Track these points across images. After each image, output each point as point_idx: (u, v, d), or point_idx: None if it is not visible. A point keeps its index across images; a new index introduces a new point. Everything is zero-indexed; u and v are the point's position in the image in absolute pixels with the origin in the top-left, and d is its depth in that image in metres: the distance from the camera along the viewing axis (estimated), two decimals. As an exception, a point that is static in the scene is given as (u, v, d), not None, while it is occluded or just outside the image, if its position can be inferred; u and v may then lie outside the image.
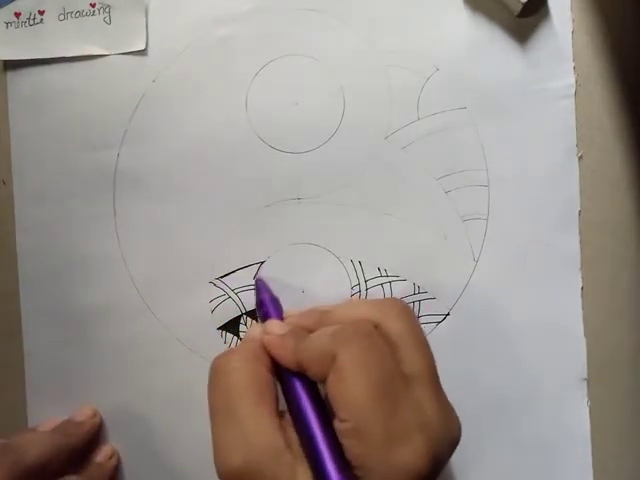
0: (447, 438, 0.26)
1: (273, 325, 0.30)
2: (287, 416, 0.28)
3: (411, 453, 0.24)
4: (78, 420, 0.35)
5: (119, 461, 0.36)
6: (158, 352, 0.36)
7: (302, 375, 0.28)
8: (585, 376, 0.35)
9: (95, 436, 0.36)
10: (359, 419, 0.25)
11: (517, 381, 0.35)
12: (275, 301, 0.33)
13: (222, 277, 0.36)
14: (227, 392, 0.27)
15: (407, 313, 0.29)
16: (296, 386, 0.28)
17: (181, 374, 0.36)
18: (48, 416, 0.36)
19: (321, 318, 0.30)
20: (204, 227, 0.36)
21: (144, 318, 0.36)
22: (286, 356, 0.28)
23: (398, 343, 0.27)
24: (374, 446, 0.24)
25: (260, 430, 0.26)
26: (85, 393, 0.36)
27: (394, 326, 0.28)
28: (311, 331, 0.29)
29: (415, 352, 0.27)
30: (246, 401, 0.26)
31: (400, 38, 0.36)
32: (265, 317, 0.32)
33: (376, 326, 0.28)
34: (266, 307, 0.32)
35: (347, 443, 0.25)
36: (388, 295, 0.36)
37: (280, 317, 0.32)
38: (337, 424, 0.25)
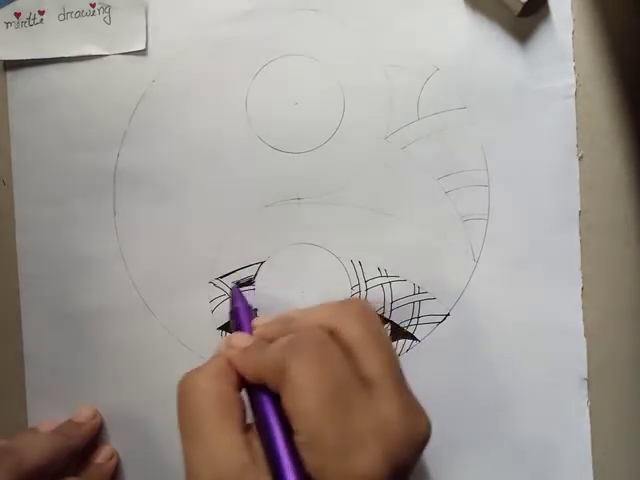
0: (410, 441, 0.26)
1: (237, 338, 0.30)
2: (254, 429, 0.28)
3: (367, 460, 0.24)
4: (78, 421, 0.35)
5: (119, 462, 0.36)
6: (158, 352, 0.36)
7: (267, 388, 0.27)
8: (585, 376, 0.35)
9: (95, 437, 0.36)
10: (311, 430, 0.25)
11: (517, 381, 0.35)
12: (249, 310, 0.32)
13: (222, 277, 0.36)
14: (192, 412, 0.27)
15: (365, 315, 0.28)
16: (261, 400, 0.28)
17: (181, 374, 0.36)
18: (48, 416, 0.36)
19: (285, 327, 0.29)
20: (204, 227, 0.36)
21: (144, 318, 0.36)
22: (248, 370, 0.28)
23: (354, 347, 0.27)
24: (328, 457, 0.24)
25: (225, 448, 0.26)
26: (85, 393, 0.36)
27: (350, 330, 0.27)
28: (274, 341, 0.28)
29: (372, 355, 0.27)
30: (211, 420, 0.27)
31: (400, 38, 0.36)
32: (237, 327, 0.32)
33: (332, 331, 0.27)
34: (238, 317, 0.32)
35: (304, 455, 0.25)
36: (388, 295, 0.36)
37: (250, 328, 0.31)
38: (294, 436, 0.25)
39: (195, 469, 0.26)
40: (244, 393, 0.29)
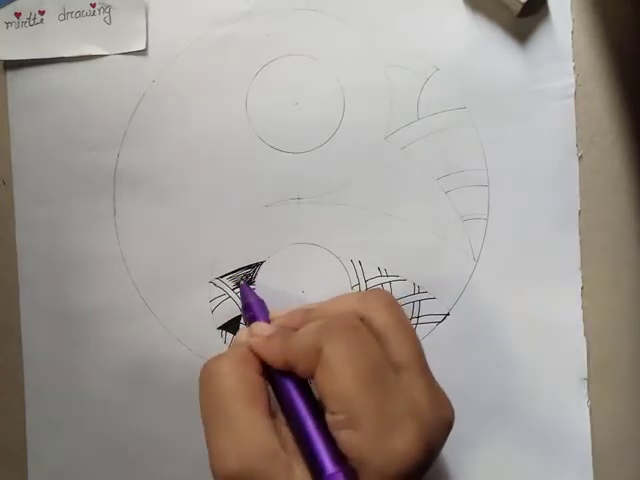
0: (439, 423, 0.26)
1: (259, 327, 0.30)
2: (280, 415, 0.28)
3: (404, 440, 0.25)
4: None
5: (119, 462, 0.36)
6: (158, 352, 0.36)
7: (292, 374, 0.28)
8: (585, 376, 0.35)
9: None
10: (350, 409, 0.25)
11: (517, 381, 0.35)
12: (261, 304, 0.33)
13: (222, 277, 0.36)
14: (218, 397, 0.27)
15: (392, 304, 0.29)
16: (287, 385, 0.28)
17: (181, 374, 0.36)
18: (47, 416, 0.36)
19: (306, 315, 0.30)
20: (204, 227, 0.36)
21: (144, 318, 0.36)
22: (274, 356, 0.28)
23: (384, 333, 0.27)
24: (367, 435, 0.25)
25: (253, 432, 0.26)
26: (84, 393, 0.36)
27: (379, 317, 0.28)
28: (297, 330, 0.29)
29: (401, 341, 0.27)
30: (238, 405, 0.27)
31: (400, 38, 0.36)
32: (252, 320, 0.32)
33: (362, 318, 0.28)
34: (252, 310, 0.32)
35: (340, 435, 0.25)
36: (388, 295, 0.36)
37: (266, 320, 0.32)
38: (328, 417, 0.26)
39: (222, 455, 0.26)
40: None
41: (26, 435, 0.36)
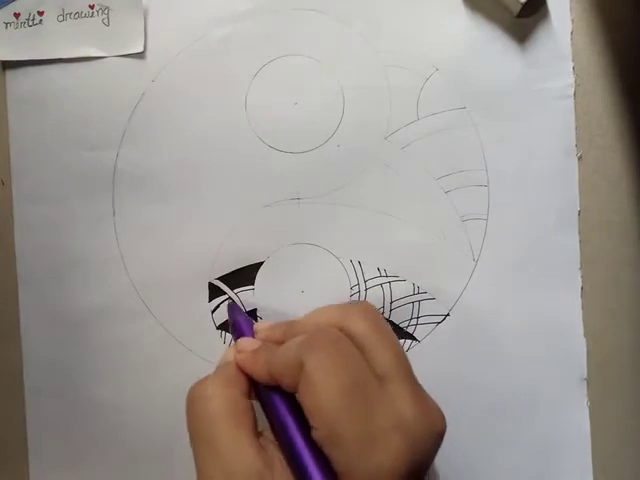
0: (428, 433, 0.26)
1: (245, 342, 0.30)
2: (266, 434, 0.28)
3: (389, 454, 0.24)
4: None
5: (118, 462, 0.36)
6: (157, 352, 0.36)
7: (280, 389, 0.27)
8: (585, 376, 0.35)
9: None
10: (331, 425, 0.25)
11: (517, 381, 0.35)
12: (249, 322, 0.33)
13: (222, 277, 0.36)
14: (203, 421, 0.27)
15: (371, 313, 0.29)
16: (275, 401, 0.28)
17: (180, 374, 0.36)
18: (46, 417, 0.36)
19: (289, 329, 0.30)
20: (204, 227, 0.36)
21: (143, 318, 0.36)
22: (259, 371, 0.28)
23: (365, 343, 0.27)
24: (350, 451, 0.24)
25: (239, 455, 0.26)
26: (84, 393, 0.36)
27: (358, 327, 0.28)
28: (282, 344, 0.29)
29: (383, 350, 0.27)
30: (222, 428, 0.27)
31: (400, 38, 0.36)
32: (239, 338, 0.32)
33: (341, 329, 0.28)
34: (240, 329, 0.32)
35: (327, 451, 0.25)
36: (388, 295, 0.36)
37: (253, 337, 0.32)
38: (313, 433, 0.25)
39: (209, 479, 0.26)
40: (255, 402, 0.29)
41: (26, 435, 0.36)
